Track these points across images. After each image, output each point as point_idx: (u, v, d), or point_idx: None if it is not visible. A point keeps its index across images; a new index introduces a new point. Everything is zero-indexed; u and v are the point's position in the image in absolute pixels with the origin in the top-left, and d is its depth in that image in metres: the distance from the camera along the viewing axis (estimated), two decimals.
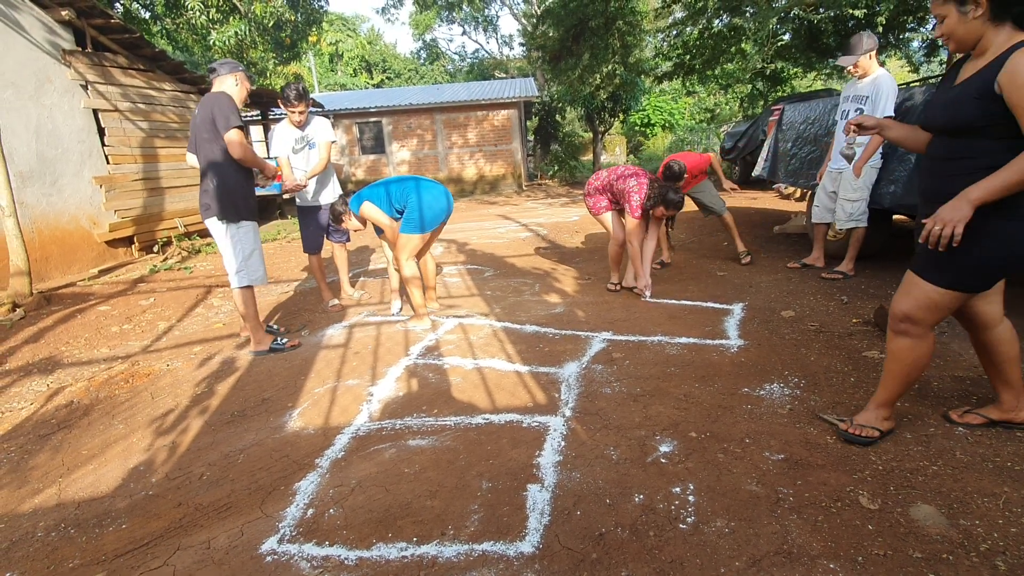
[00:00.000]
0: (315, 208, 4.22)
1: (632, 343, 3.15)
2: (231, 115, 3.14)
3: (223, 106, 3.14)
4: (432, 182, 3.72)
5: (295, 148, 4.02)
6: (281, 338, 3.55)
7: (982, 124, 1.67)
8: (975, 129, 1.69)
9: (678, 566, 1.50)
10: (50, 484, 2.28)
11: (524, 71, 25.39)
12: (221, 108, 3.13)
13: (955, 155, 1.77)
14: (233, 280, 3.35)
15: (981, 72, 1.68)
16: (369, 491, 1.93)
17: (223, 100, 3.17)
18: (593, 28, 11.66)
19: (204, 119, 3.18)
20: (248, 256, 3.35)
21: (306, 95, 3.88)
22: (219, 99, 3.17)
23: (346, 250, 4.53)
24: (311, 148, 4.05)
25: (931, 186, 1.86)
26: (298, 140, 4.01)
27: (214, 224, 3.29)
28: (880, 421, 2.00)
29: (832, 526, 1.61)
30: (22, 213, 5.65)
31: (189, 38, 11.67)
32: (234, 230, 3.28)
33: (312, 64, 26.11)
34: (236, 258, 3.31)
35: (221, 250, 3.35)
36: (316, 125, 4.05)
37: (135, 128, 7.40)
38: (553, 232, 7.45)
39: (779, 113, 5.69)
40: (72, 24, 6.52)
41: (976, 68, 1.71)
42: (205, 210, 3.28)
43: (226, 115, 3.13)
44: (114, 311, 4.72)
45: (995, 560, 1.45)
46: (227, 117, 3.13)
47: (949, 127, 1.77)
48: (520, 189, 15.21)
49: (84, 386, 3.24)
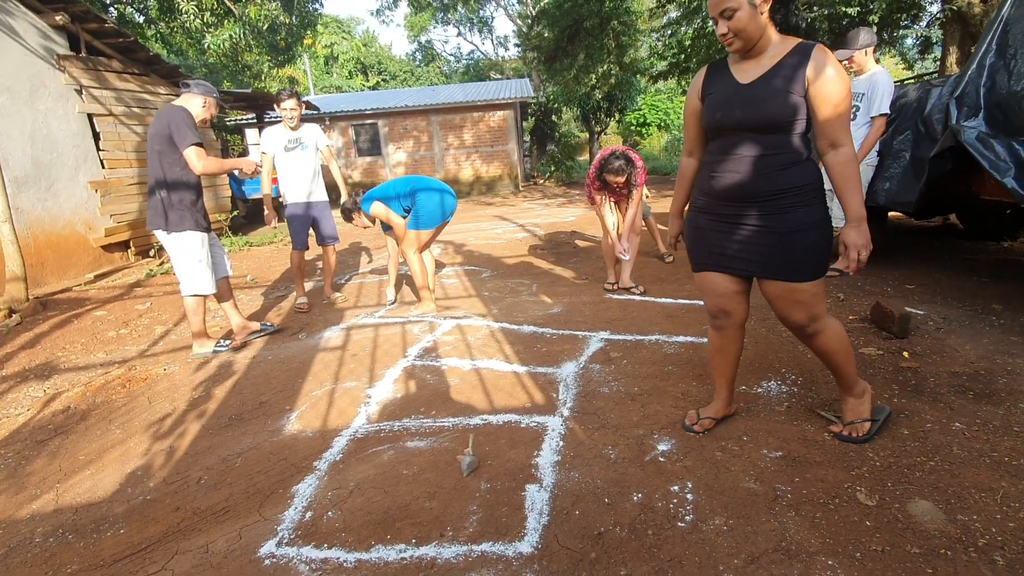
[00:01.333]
0: (304, 205, 4.38)
1: (630, 342, 3.15)
2: (188, 131, 3.17)
3: (180, 122, 3.15)
4: (436, 182, 3.99)
5: (287, 147, 4.24)
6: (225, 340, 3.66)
7: (790, 119, 1.71)
8: (780, 125, 1.73)
9: (677, 564, 1.50)
10: (47, 490, 2.27)
11: (519, 72, 25.43)
12: (178, 124, 3.15)
13: (754, 155, 1.78)
14: (183, 286, 3.41)
15: (782, 67, 1.71)
16: (368, 493, 1.92)
17: (180, 115, 3.18)
18: (588, 28, 11.68)
19: (159, 132, 3.19)
20: (197, 264, 3.38)
21: (300, 97, 4.16)
22: (176, 113, 3.17)
23: (335, 253, 4.64)
24: (303, 149, 4.27)
25: (729, 187, 1.83)
26: (291, 140, 4.24)
27: (163, 237, 3.34)
28: (860, 408, 2.01)
29: (830, 523, 1.61)
30: (17, 218, 5.64)
31: (184, 42, 11.65)
32: (181, 239, 3.32)
33: (307, 67, 26.09)
34: (185, 266, 3.36)
35: (172, 259, 3.41)
36: (309, 130, 4.34)
37: (130, 132, 7.39)
38: (550, 232, 7.46)
39: None
40: (66, 29, 6.51)
41: (762, 66, 1.74)
42: (154, 221, 3.31)
43: (184, 131, 3.15)
44: (110, 316, 4.71)
45: (993, 555, 1.45)
46: (185, 134, 3.15)
47: (754, 124, 1.75)
48: (517, 190, 15.22)
49: (81, 391, 3.23)
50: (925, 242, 5.07)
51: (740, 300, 1.98)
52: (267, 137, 4.24)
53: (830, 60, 1.67)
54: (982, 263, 4.26)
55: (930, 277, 3.93)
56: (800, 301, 1.82)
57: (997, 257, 4.42)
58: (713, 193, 1.89)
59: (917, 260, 4.36)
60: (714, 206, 1.90)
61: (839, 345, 1.90)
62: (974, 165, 2.92)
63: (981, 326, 3.00)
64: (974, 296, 3.47)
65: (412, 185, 3.88)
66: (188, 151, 3.18)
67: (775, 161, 1.76)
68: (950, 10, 6.76)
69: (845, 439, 2.00)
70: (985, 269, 4.07)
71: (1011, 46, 2.86)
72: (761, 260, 1.83)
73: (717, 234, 1.91)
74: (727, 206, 1.86)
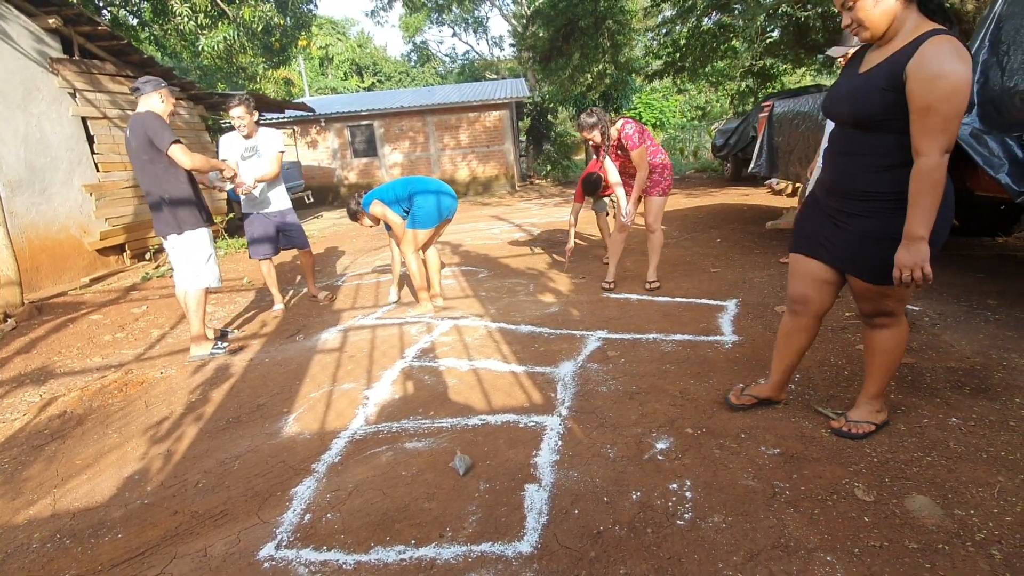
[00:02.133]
0: (264, 216, 4.31)
1: (627, 341, 3.15)
2: (165, 132, 3.22)
3: (155, 126, 3.21)
4: (434, 182, 4.02)
5: (244, 156, 4.15)
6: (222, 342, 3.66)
7: (883, 117, 1.62)
8: (876, 122, 1.64)
9: (676, 562, 1.50)
10: (44, 495, 2.26)
11: (515, 72, 25.42)
12: (154, 128, 3.20)
13: (857, 151, 1.72)
14: (192, 281, 3.43)
15: (890, 59, 1.59)
16: (366, 495, 1.92)
17: (152, 120, 3.23)
18: (583, 28, 11.70)
19: (141, 143, 3.25)
20: (207, 259, 3.47)
21: (248, 101, 4.01)
22: (148, 120, 3.22)
23: (310, 255, 4.62)
24: (258, 158, 4.16)
25: (835, 180, 1.82)
26: (247, 149, 4.14)
27: (175, 240, 3.38)
28: (873, 415, 2.01)
29: (828, 519, 1.61)
30: (11, 222, 5.61)
31: (178, 44, 11.62)
32: (193, 236, 3.39)
33: (302, 68, 26.04)
34: (197, 262, 3.42)
35: (180, 260, 3.43)
36: (265, 136, 4.17)
37: (124, 135, 7.36)
38: (546, 232, 7.46)
39: (769, 110, 5.72)
40: (59, 32, 6.48)
41: (884, 56, 1.62)
42: (163, 229, 3.37)
43: (160, 133, 3.21)
44: (106, 320, 4.69)
45: (990, 549, 1.46)
46: (162, 135, 3.21)
47: (852, 118, 1.71)
48: (513, 190, 15.21)
49: (77, 396, 3.21)
50: None
51: (823, 290, 1.96)
52: (223, 144, 4.17)
53: (936, 55, 1.48)
54: (977, 259, 4.28)
55: None
56: (869, 298, 1.85)
57: (992, 253, 4.44)
58: (822, 182, 1.92)
59: None
60: (822, 194, 1.92)
61: (892, 347, 1.90)
62: (968, 161, 2.93)
63: (977, 322, 3.01)
64: (969, 292, 3.49)
65: (410, 188, 3.92)
66: (172, 150, 3.22)
67: (873, 162, 1.68)
68: None
69: (843, 435, 2.00)
70: (980, 265, 4.09)
71: (1004, 42, 2.87)
72: (842, 256, 1.84)
73: (817, 221, 1.92)
74: (829, 197, 1.86)
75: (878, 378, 1.97)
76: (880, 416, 2.02)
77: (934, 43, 1.50)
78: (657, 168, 4.00)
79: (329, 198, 15.47)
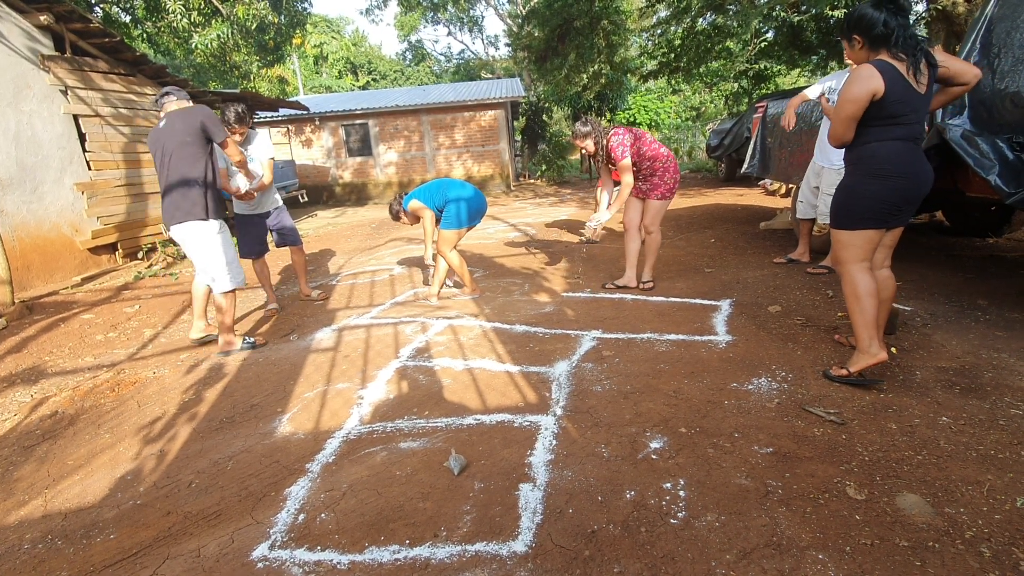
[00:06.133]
0: (256, 216, 4.35)
1: (622, 341, 3.16)
2: (221, 126, 3.40)
3: (214, 118, 3.39)
4: (468, 185, 4.28)
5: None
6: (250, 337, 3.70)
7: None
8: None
9: (670, 560, 1.51)
10: (36, 495, 2.24)
11: (510, 71, 25.42)
12: (214, 120, 3.38)
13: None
14: (222, 284, 3.42)
15: None
16: (361, 495, 1.92)
17: (209, 113, 3.37)
18: (578, 28, 11.71)
19: (190, 126, 3.32)
20: (233, 256, 3.50)
21: (245, 118, 4.05)
22: (207, 112, 3.37)
23: (301, 253, 4.63)
24: (251, 163, 4.19)
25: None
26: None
27: (198, 226, 3.34)
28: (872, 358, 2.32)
29: (820, 517, 1.63)
30: (2, 221, 5.57)
31: (171, 42, 11.55)
32: (218, 228, 3.42)
33: (297, 66, 25.92)
34: (224, 257, 3.42)
35: (202, 252, 3.39)
36: (256, 142, 4.22)
37: (117, 133, 7.31)
38: (541, 232, 7.46)
39: (763, 110, 5.74)
40: (51, 29, 6.42)
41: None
42: (188, 213, 3.32)
43: (219, 126, 3.40)
44: (98, 319, 4.66)
45: (980, 547, 1.48)
46: (220, 128, 3.40)
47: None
48: (508, 189, 15.22)
49: (69, 396, 3.19)
50: (911, 239, 5.13)
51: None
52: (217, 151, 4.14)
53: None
54: (968, 259, 4.31)
55: (917, 273, 3.97)
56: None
57: (982, 253, 4.48)
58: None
59: (904, 257, 4.40)
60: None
61: (847, 293, 2.37)
62: (959, 163, 2.96)
63: (967, 322, 3.04)
64: (960, 292, 3.52)
65: (444, 196, 4.18)
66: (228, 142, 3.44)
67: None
68: (935, 9, 6.84)
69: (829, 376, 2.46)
70: (971, 265, 4.13)
71: (995, 45, 2.90)
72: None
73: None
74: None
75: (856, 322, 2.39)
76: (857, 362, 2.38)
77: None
78: (657, 171, 3.97)
79: (323, 197, 15.42)
